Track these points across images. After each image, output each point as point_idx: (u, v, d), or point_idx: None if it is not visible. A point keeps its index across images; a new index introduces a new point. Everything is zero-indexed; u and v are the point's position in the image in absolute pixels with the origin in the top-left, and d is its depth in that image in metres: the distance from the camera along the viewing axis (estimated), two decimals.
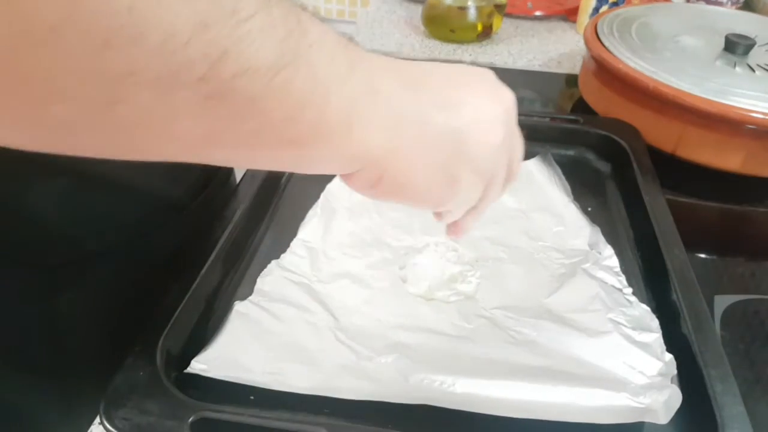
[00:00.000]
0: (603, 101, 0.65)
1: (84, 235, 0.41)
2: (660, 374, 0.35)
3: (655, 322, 0.38)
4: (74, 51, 0.14)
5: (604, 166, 0.57)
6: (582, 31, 0.75)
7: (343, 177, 0.26)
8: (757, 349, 0.41)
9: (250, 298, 0.39)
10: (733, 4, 0.89)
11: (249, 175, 0.49)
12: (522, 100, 0.63)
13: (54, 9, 0.13)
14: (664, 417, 0.32)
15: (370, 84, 0.23)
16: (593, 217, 0.49)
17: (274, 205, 0.50)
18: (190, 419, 0.30)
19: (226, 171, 0.54)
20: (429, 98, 0.26)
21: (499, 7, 0.84)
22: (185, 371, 0.34)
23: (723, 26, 0.66)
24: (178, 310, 0.36)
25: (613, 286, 0.41)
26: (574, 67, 0.80)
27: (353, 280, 0.42)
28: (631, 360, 0.35)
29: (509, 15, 0.94)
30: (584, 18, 0.89)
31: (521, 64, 0.82)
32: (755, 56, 0.61)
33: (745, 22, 0.70)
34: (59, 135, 0.16)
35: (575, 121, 0.59)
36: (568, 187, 0.52)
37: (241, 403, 0.33)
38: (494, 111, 0.28)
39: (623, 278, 0.42)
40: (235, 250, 0.43)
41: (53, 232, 0.39)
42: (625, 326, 0.38)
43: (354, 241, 0.45)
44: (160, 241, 0.45)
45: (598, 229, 0.47)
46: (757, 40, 0.62)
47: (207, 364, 0.34)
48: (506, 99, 0.29)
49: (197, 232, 0.43)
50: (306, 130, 0.21)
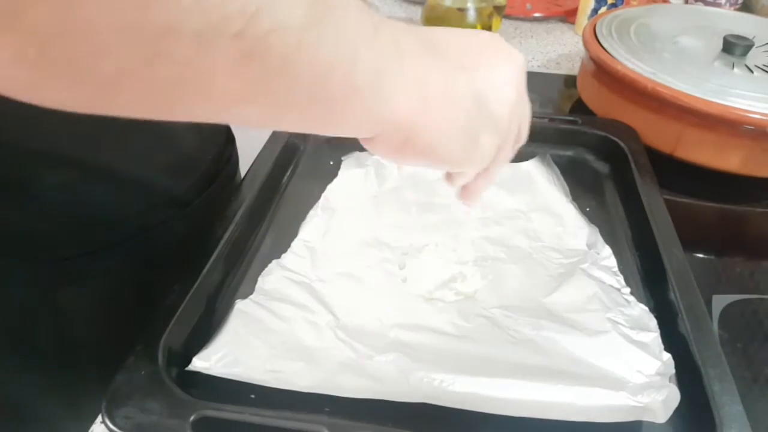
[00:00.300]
0: (602, 102, 0.65)
1: (89, 228, 0.41)
2: (658, 373, 0.35)
3: (653, 322, 0.38)
4: (118, 6, 0.15)
5: (602, 167, 0.57)
6: (581, 32, 0.75)
7: (366, 142, 0.26)
8: (755, 348, 0.41)
9: (251, 296, 0.40)
10: (731, 5, 0.89)
11: (251, 174, 0.49)
12: None
13: None
14: (662, 416, 0.32)
15: (396, 46, 0.23)
16: (592, 218, 0.49)
17: (275, 205, 0.50)
18: (192, 418, 0.30)
19: (231, 168, 0.54)
20: (450, 61, 0.27)
21: (498, 9, 0.85)
22: (186, 369, 0.34)
23: (721, 27, 0.67)
24: (180, 309, 0.36)
25: (612, 286, 0.42)
26: (572, 68, 0.81)
27: (353, 279, 0.42)
28: (630, 359, 0.35)
29: (508, 16, 0.94)
30: (583, 19, 0.90)
31: None
32: (753, 57, 0.62)
33: (743, 24, 0.70)
34: (104, 92, 0.17)
35: (574, 122, 0.59)
36: (567, 188, 0.52)
37: (242, 402, 0.33)
38: (509, 72, 0.30)
39: (621, 278, 0.43)
40: (236, 250, 0.44)
41: (58, 225, 0.39)
42: (624, 326, 0.38)
43: (354, 241, 0.46)
44: (163, 238, 0.45)
45: (596, 229, 0.47)
46: (755, 41, 0.62)
47: (208, 361, 0.35)
48: (518, 60, 0.31)
49: (200, 229, 0.43)
50: (335, 89, 0.21)
